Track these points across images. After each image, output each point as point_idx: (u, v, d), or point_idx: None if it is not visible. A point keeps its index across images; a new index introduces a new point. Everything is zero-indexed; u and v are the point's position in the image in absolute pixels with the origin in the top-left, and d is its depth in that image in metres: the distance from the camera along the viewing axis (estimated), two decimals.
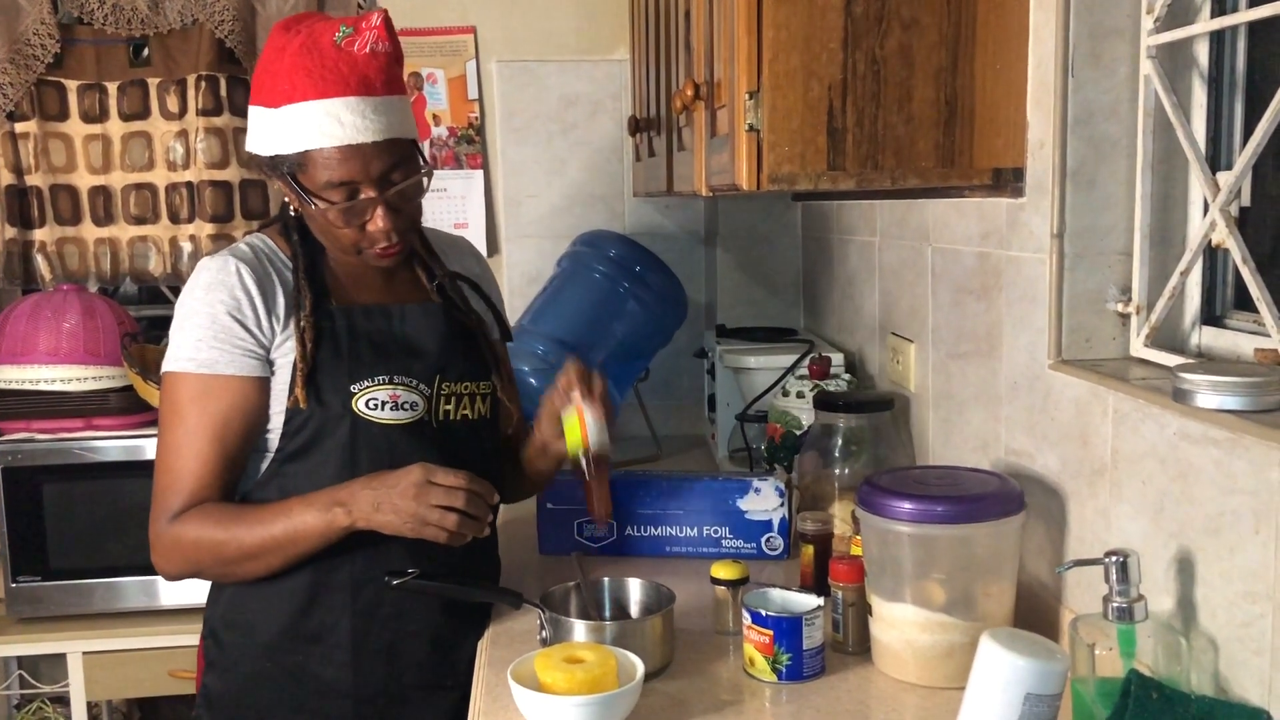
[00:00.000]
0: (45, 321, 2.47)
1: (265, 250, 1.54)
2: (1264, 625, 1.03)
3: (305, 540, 1.43)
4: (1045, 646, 1.11)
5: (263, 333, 1.47)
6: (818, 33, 1.35)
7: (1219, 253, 1.27)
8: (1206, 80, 1.29)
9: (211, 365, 1.45)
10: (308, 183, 1.45)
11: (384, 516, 1.41)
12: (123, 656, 2.44)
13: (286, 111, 1.43)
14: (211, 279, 1.48)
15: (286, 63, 1.43)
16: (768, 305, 2.78)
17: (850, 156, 1.38)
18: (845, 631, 1.45)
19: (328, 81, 1.42)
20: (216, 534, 1.44)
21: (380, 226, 1.46)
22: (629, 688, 1.26)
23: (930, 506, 1.31)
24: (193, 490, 1.46)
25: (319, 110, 1.42)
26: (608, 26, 2.73)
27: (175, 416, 1.47)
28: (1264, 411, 1.05)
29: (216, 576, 1.53)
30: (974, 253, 1.60)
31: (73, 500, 2.41)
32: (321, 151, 1.43)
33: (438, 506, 1.40)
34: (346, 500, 1.42)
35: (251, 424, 1.48)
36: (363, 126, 1.43)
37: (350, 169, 1.43)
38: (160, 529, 1.47)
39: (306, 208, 1.48)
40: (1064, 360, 1.36)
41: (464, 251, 1.74)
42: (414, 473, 1.41)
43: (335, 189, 1.44)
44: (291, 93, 1.42)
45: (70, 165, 2.74)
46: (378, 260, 1.52)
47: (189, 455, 1.46)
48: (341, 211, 1.45)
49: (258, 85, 1.48)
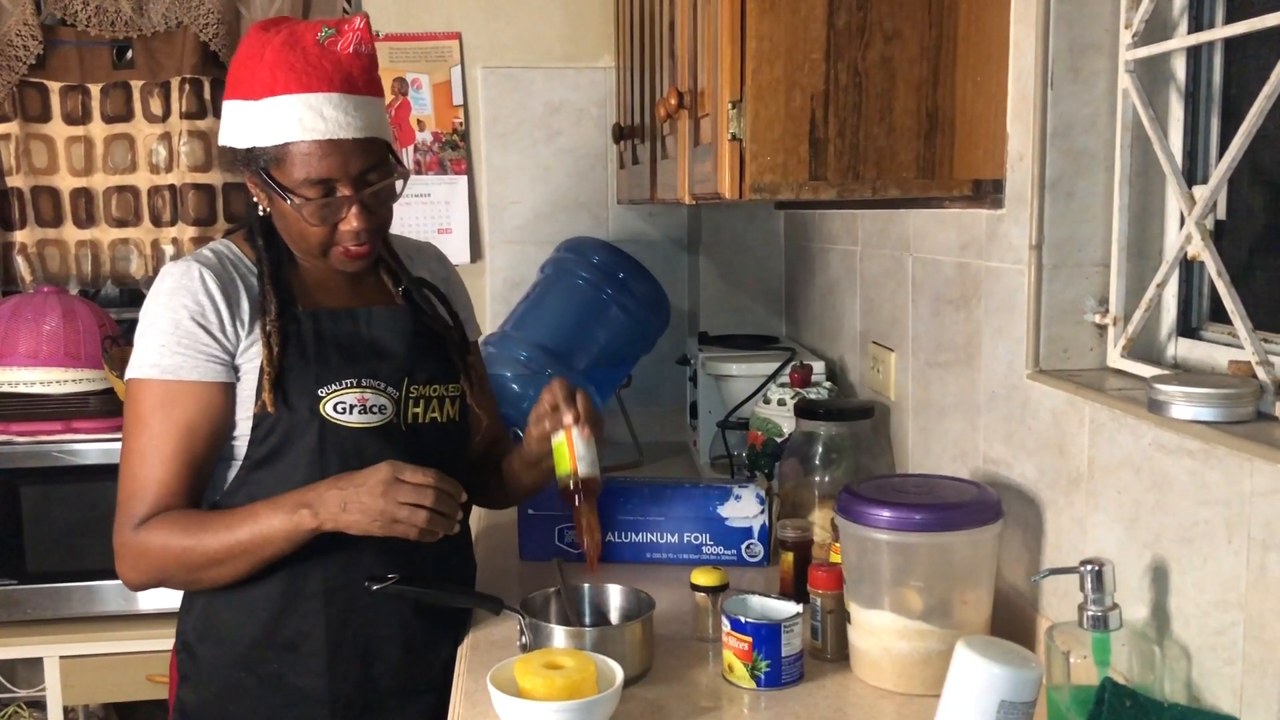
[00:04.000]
0: (25, 323, 2.46)
1: (230, 256, 1.52)
2: (1236, 634, 1.04)
3: (272, 544, 1.42)
4: (1020, 654, 1.12)
5: (227, 338, 1.46)
6: (800, 43, 1.36)
7: (1195, 265, 1.28)
8: (1183, 95, 1.31)
9: (175, 371, 1.44)
10: (283, 178, 1.44)
11: (351, 516, 1.39)
12: (100, 661, 2.42)
13: (267, 104, 1.42)
14: (174, 284, 1.46)
15: (269, 57, 1.43)
16: (750, 313, 2.79)
17: (832, 167, 1.39)
18: (824, 638, 1.46)
19: (311, 76, 1.42)
20: (182, 540, 1.42)
21: (353, 226, 1.46)
22: (608, 694, 1.26)
23: (909, 514, 1.32)
24: (157, 497, 1.44)
25: (301, 104, 1.42)
26: (593, 34, 2.74)
27: (139, 423, 1.45)
28: (1237, 423, 1.06)
29: (184, 584, 1.51)
30: (954, 263, 1.62)
31: (51, 503, 2.39)
32: (301, 145, 1.42)
33: (406, 504, 1.38)
34: (313, 501, 1.40)
35: (216, 430, 1.47)
36: (345, 123, 1.43)
37: (329, 165, 1.43)
38: (125, 537, 1.44)
39: (279, 204, 1.47)
40: (1042, 370, 1.37)
41: (429, 257, 1.73)
42: (381, 470, 1.40)
43: (312, 185, 1.44)
44: (273, 85, 1.42)
45: (52, 167, 2.73)
46: (344, 262, 1.51)
47: (154, 462, 1.44)
48: (317, 208, 1.44)
49: (235, 80, 1.47)
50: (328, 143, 1.42)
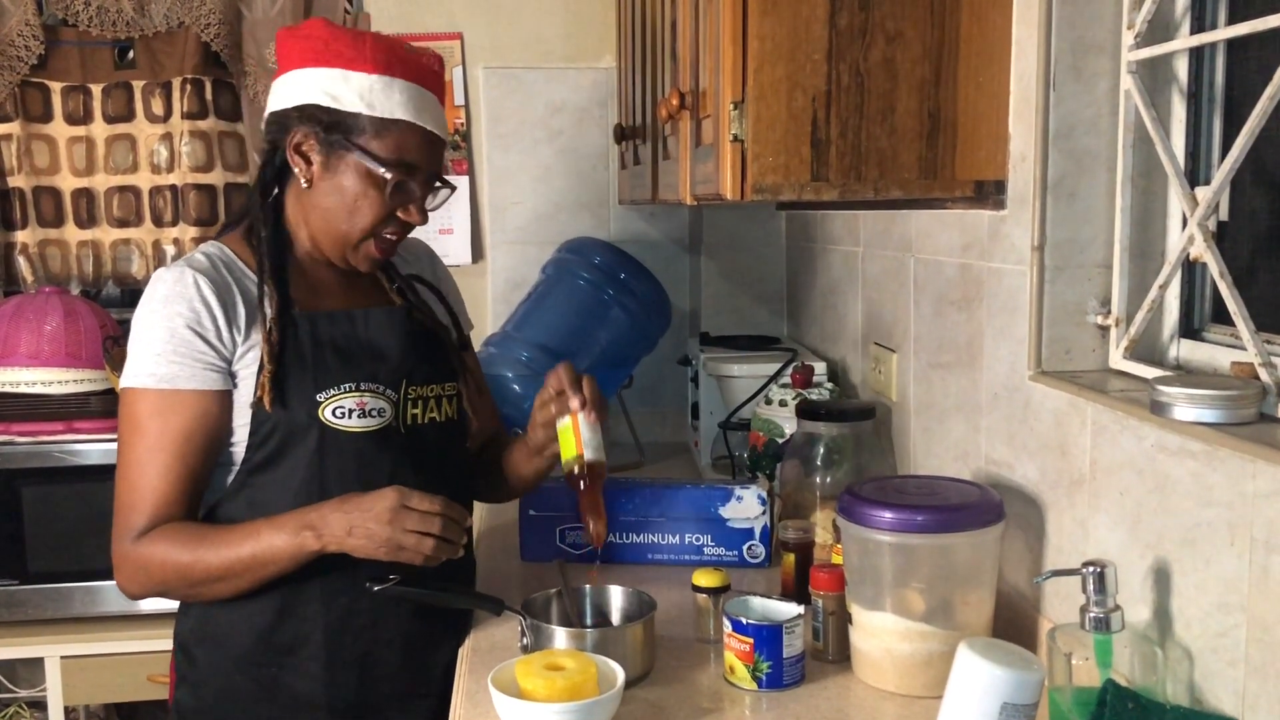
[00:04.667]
0: (26, 323, 2.46)
1: (223, 259, 1.50)
2: (1238, 636, 1.04)
3: (274, 563, 1.41)
4: (1022, 656, 1.12)
5: (224, 344, 1.44)
6: (802, 44, 1.36)
7: (1197, 266, 1.28)
8: (1186, 96, 1.31)
9: (171, 380, 1.42)
10: (373, 149, 1.47)
11: (357, 541, 1.38)
12: (101, 661, 2.42)
13: (383, 81, 1.47)
14: (169, 291, 1.44)
15: (371, 42, 1.48)
16: (752, 313, 2.79)
17: (834, 167, 1.39)
18: (825, 640, 1.46)
19: (420, 73, 1.51)
20: (183, 556, 1.41)
21: (414, 219, 1.52)
22: (609, 695, 1.26)
23: (910, 516, 1.32)
24: (156, 508, 1.42)
25: (416, 92, 1.49)
26: (594, 34, 2.73)
27: (135, 433, 1.44)
28: (1240, 424, 1.06)
29: (184, 597, 1.51)
30: (956, 264, 1.61)
31: (52, 503, 2.39)
32: (411, 126, 1.48)
33: (413, 532, 1.38)
34: (317, 524, 1.39)
35: (214, 438, 1.45)
36: (439, 123, 1.53)
37: (422, 154, 1.50)
38: (125, 549, 1.43)
39: (341, 175, 1.47)
40: (1044, 371, 1.37)
41: (420, 254, 1.74)
42: (388, 497, 1.38)
43: (399, 166, 1.47)
44: (390, 67, 1.47)
45: (54, 167, 2.73)
46: (368, 260, 1.53)
47: (151, 473, 1.42)
48: (395, 185, 1.48)
49: (329, 51, 1.47)
50: (431, 133, 1.51)
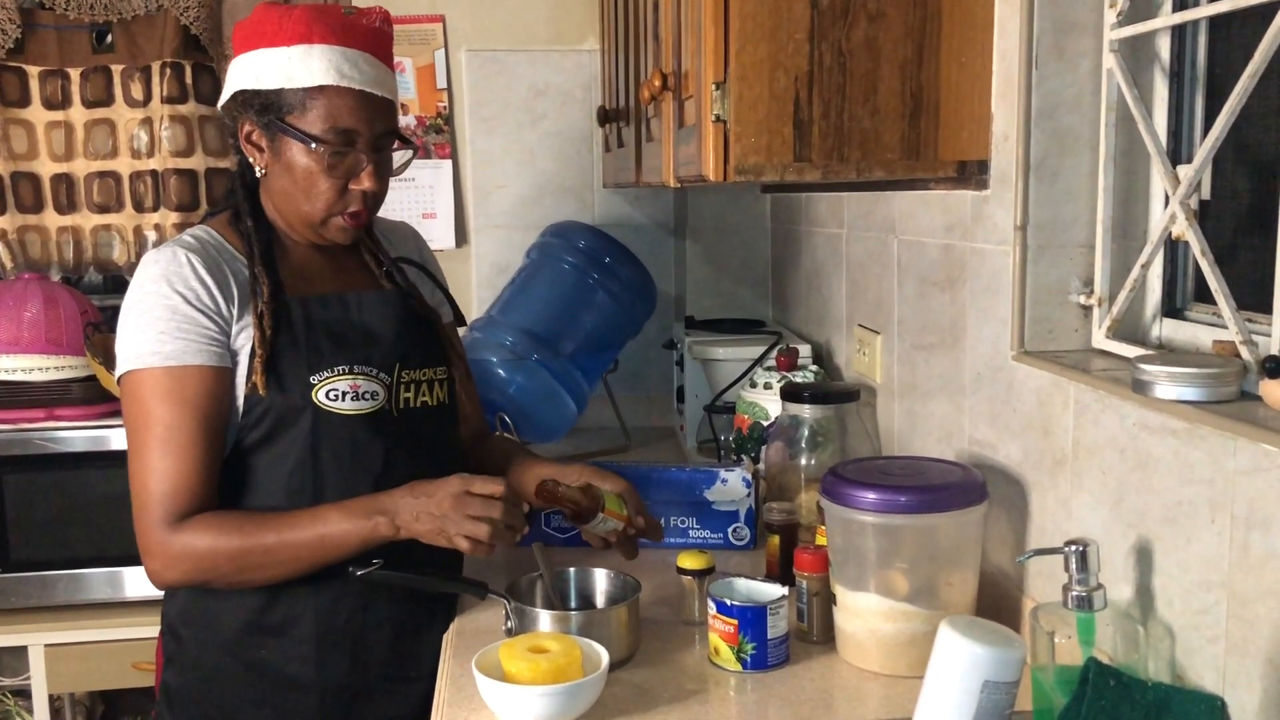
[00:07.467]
0: (6, 311, 2.44)
1: (212, 242, 1.49)
2: (1219, 613, 1.04)
3: (339, 548, 1.41)
4: (1003, 634, 1.12)
5: (224, 320, 1.43)
6: (784, 24, 1.35)
7: (1179, 245, 1.28)
8: (1168, 74, 1.31)
9: (179, 357, 1.40)
10: (305, 125, 1.44)
11: (423, 526, 1.41)
12: (85, 649, 2.42)
13: (302, 50, 1.44)
14: (164, 270, 1.43)
15: (298, 14, 1.45)
16: (736, 297, 2.78)
17: (816, 148, 1.38)
18: (810, 621, 1.46)
19: (348, 33, 1.46)
20: (236, 541, 1.39)
21: (365, 186, 1.47)
22: (594, 677, 1.26)
23: (894, 496, 1.32)
24: (190, 490, 1.39)
25: (338, 54, 1.44)
26: (577, 16, 2.72)
27: (148, 416, 1.40)
28: (1221, 402, 1.06)
29: (226, 585, 1.45)
30: (939, 245, 1.61)
31: (34, 491, 2.38)
32: (335, 90, 1.43)
33: (470, 517, 1.39)
34: (390, 510, 1.40)
35: (223, 416, 1.43)
36: (376, 80, 1.47)
37: (358, 117, 1.45)
38: (161, 537, 1.39)
39: (288, 158, 1.45)
40: (1026, 352, 1.37)
41: (406, 236, 1.73)
42: (451, 484, 1.41)
43: (336, 134, 1.44)
44: (309, 35, 1.44)
45: (32, 152, 2.71)
46: (341, 232, 1.51)
47: (174, 453, 1.39)
48: (335, 158, 1.44)
49: (254, 33, 1.46)
50: (360, 93, 1.45)
